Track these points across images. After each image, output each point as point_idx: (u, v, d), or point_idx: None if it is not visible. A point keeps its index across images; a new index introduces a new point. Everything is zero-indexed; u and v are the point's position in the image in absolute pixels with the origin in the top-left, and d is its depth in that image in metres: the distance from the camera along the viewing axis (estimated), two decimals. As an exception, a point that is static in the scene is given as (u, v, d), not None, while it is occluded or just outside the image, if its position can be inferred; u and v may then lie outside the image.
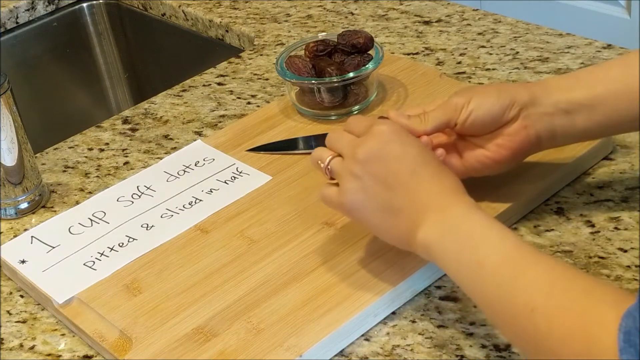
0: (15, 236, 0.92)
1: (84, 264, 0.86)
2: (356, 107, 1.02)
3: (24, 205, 0.96)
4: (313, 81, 1.00)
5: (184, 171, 0.97)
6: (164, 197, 0.93)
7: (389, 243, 0.75)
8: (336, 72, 0.99)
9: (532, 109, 0.78)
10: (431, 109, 0.81)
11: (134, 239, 0.88)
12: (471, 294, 0.68)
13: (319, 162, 0.77)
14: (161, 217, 0.91)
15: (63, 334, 0.81)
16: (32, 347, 0.80)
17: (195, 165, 0.98)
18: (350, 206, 0.74)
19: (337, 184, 0.76)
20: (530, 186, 0.86)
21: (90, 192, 0.99)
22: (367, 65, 1.00)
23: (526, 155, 0.81)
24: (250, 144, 1.00)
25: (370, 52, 1.03)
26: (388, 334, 0.76)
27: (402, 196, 0.71)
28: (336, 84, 1.00)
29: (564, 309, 0.59)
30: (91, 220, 0.92)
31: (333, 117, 1.02)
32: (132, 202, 0.93)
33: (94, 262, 0.86)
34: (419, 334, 0.75)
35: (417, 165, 0.72)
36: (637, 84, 0.76)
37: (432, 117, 0.80)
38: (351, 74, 0.99)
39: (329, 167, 0.76)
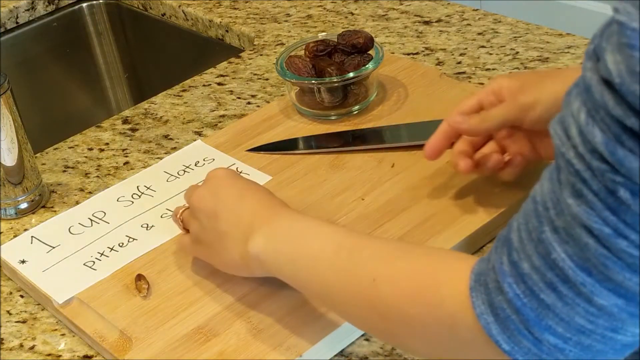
0: (15, 236, 0.92)
1: (84, 264, 0.86)
2: (356, 107, 1.02)
3: (24, 205, 0.96)
4: (313, 81, 1.00)
5: (184, 171, 0.97)
6: (164, 197, 0.93)
7: (231, 272, 0.78)
8: (336, 72, 0.99)
9: None
10: (491, 108, 0.80)
11: (134, 239, 0.88)
12: (311, 289, 0.70)
13: (175, 215, 0.82)
14: (161, 217, 0.91)
15: (63, 334, 0.81)
16: (32, 347, 0.80)
17: (196, 165, 0.98)
18: (196, 246, 0.79)
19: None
20: (527, 188, 0.86)
21: (90, 192, 0.99)
22: (367, 65, 1.00)
23: None
24: (250, 144, 1.00)
25: (370, 52, 1.03)
26: (388, 334, 0.76)
27: (228, 219, 0.74)
28: (336, 84, 1.00)
29: (407, 270, 0.61)
30: (91, 220, 0.92)
31: (333, 117, 1.02)
32: (132, 202, 0.93)
33: (94, 262, 0.86)
34: (419, 334, 0.75)
35: (243, 190, 0.76)
36: None
37: (494, 115, 0.79)
38: (351, 74, 0.99)
39: (181, 218, 0.81)
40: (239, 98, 1.13)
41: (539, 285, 0.50)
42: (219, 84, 1.17)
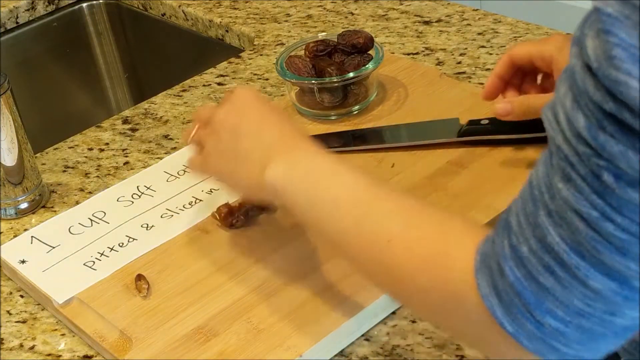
0: (15, 236, 0.92)
1: (84, 264, 0.86)
2: (356, 107, 1.02)
3: (24, 205, 0.96)
4: (313, 81, 1.00)
5: (184, 171, 0.97)
6: (164, 197, 0.93)
7: (243, 192, 0.80)
8: (336, 72, 0.99)
9: None
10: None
11: (134, 239, 0.88)
12: (324, 233, 0.68)
13: (185, 134, 0.82)
14: (161, 217, 0.91)
15: (63, 334, 0.81)
16: (32, 347, 0.80)
17: None
18: (211, 164, 0.78)
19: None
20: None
21: (90, 192, 0.99)
22: (367, 65, 1.00)
23: None
24: (250, 144, 1.00)
25: (370, 52, 1.03)
26: (388, 334, 0.76)
27: (250, 142, 0.74)
28: (336, 84, 0.99)
29: (422, 237, 0.61)
30: (91, 220, 0.92)
31: (333, 117, 1.02)
32: (132, 202, 0.93)
33: (94, 262, 0.86)
34: (419, 334, 0.75)
35: (267, 114, 0.75)
36: None
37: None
38: (351, 74, 0.99)
39: (195, 137, 0.80)
40: (239, 98, 1.13)
41: (538, 269, 0.51)
42: (219, 84, 1.17)
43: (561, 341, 0.52)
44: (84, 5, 1.54)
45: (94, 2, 1.54)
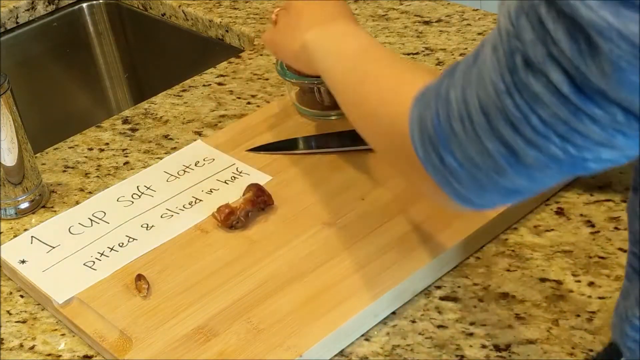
0: (15, 236, 0.92)
1: (84, 264, 0.86)
2: None
3: (24, 205, 0.96)
4: (314, 81, 1.00)
5: (184, 171, 0.97)
6: (164, 197, 0.93)
7: (290, 62, 0.93)
8: None
9: None
10: None
11: (134, 239, 0.88)
12: (329, 80, 0.78)
13: (273, 14, 0.91)
14: (161, 217, 0.91)
15: (63, 334, 0.81)
16: (32, 347, 0.80)
17: (195, 165, 0.98)
18: (273, 36, 0.90)
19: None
20: None
21: (90, 192, 0.99)
22: None
23: None
24: (250, 144, 1.00)
25: None
26: (388, 334, 0.76)
27: (305, 12, 0.84)
28: None
29: (386, 77, 0.70)
30: (91, 220, 0.92)
31: (333, 117, 1.02)
32: (132, 202, 0.93)
33: (94, 262, 0.86)
34: (419, 334, 0.75)
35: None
36: None
37: None
38: None
39: (276, 15, 0.91)
40: (239, 98, 1.13)
41: (454, 115, 0.56)
42: (219, 84, 1.17)
43: (456, 179, 0.58)
44: (84, 5, 1.54)
45: (94, 2, 1.54)
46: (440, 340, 0.74)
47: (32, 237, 0.91)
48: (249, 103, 1.11)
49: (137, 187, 0.96)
